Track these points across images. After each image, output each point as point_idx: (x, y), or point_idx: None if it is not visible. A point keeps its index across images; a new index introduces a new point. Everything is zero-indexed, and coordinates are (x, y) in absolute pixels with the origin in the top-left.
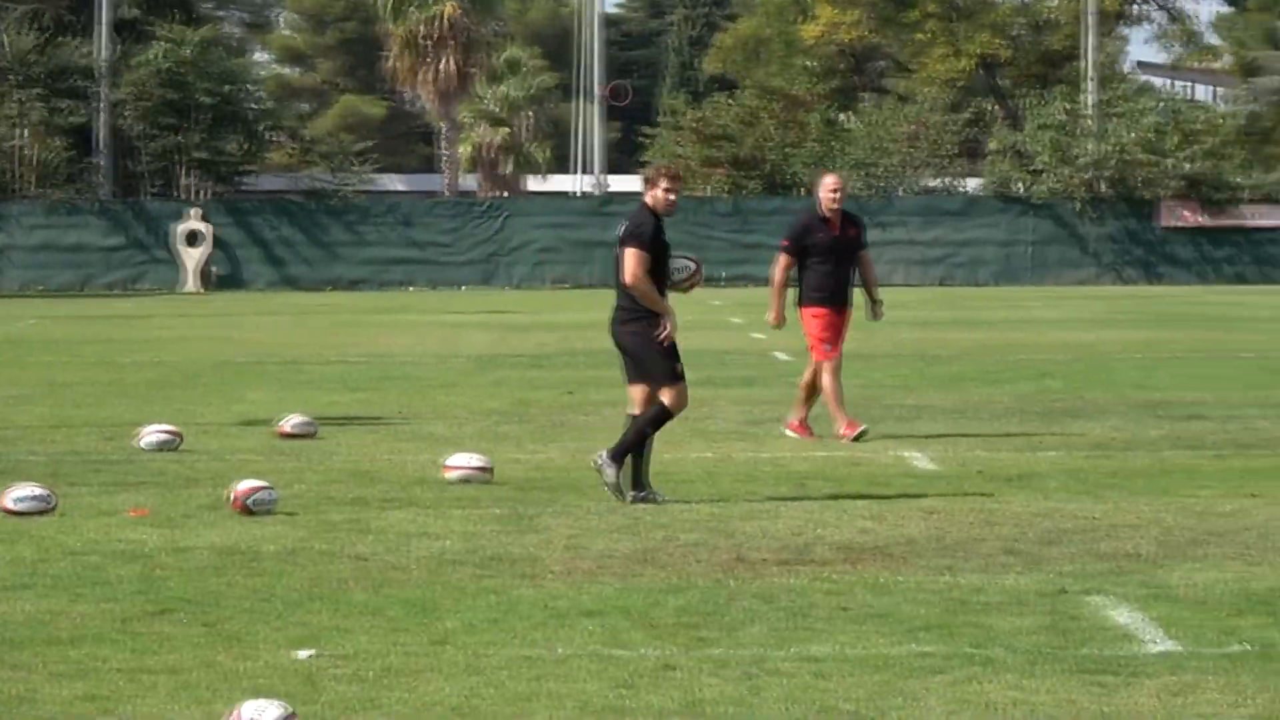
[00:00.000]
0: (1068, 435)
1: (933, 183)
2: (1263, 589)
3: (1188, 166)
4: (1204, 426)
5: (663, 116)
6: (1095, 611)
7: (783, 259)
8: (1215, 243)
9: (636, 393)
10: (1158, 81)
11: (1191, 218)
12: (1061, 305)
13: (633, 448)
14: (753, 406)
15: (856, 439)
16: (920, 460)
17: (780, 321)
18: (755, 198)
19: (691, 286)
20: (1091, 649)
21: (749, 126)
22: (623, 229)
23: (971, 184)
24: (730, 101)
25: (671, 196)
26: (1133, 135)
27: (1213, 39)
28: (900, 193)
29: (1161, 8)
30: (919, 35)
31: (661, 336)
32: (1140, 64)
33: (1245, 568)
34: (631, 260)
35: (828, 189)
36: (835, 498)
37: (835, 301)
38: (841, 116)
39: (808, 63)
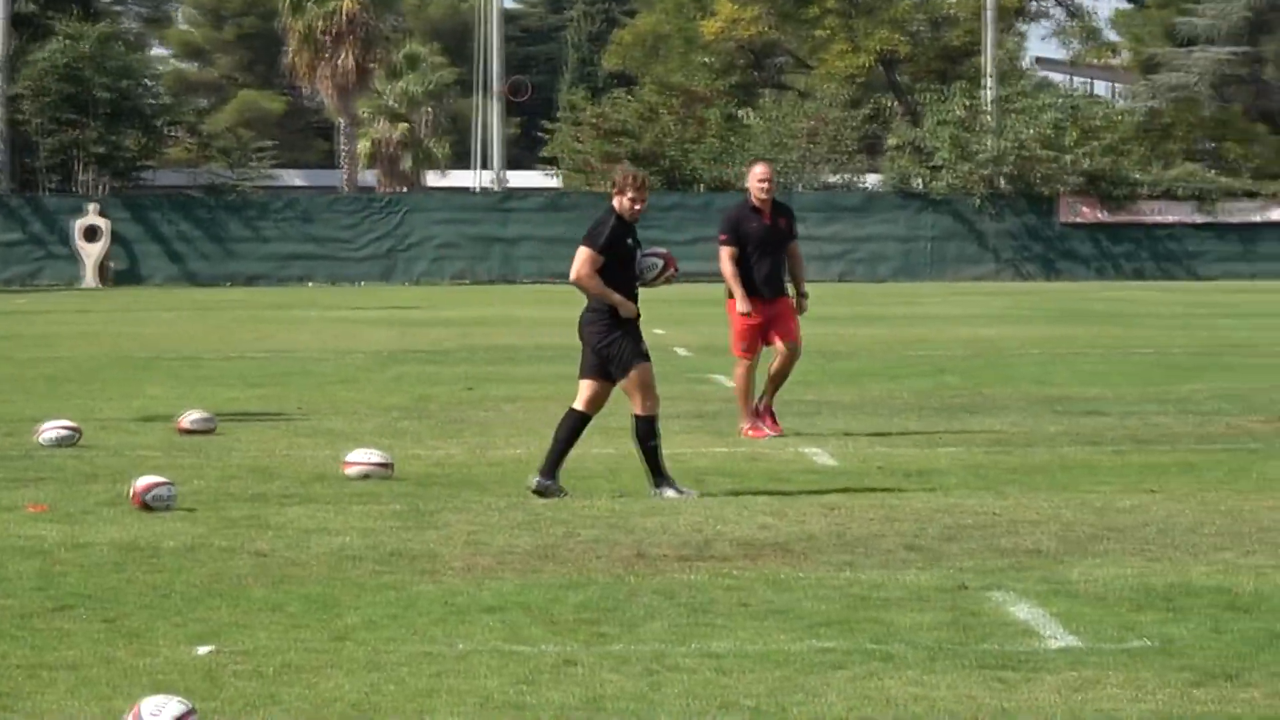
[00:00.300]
0: (967, 431)
1: (832, 179)
2: (1162, 584)
3: (1087, 163)
4: (1103, 422)
5: (562, 112)
6: (996, 607)
7: (726, 251)
8: (1114, 239)
9: (585, 388)
10: (1057, 78)
11: (1091, 214)
12: (961, 301)
13: (655, 462)
14: None
15: (752, 436)
16: (821, 456)
17: (751, 308)
18: (655, 194)
19: (667, 280)
20: (992, 645)
21: (648, 122)
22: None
23: (871, 180)
24: (630, 97)
25: (637, 206)
26: (1032, 131)
27: (1112, 35)
28: (800, 189)
29: (1060, 4)
30: (818, 31)
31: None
32: (1039, 60)
33: (1145, 563)
34: (578, 259)
35: (757, 179)
36: (736, 494)
37: (768, 292)
38: (741, 112)
39: (707, 59)
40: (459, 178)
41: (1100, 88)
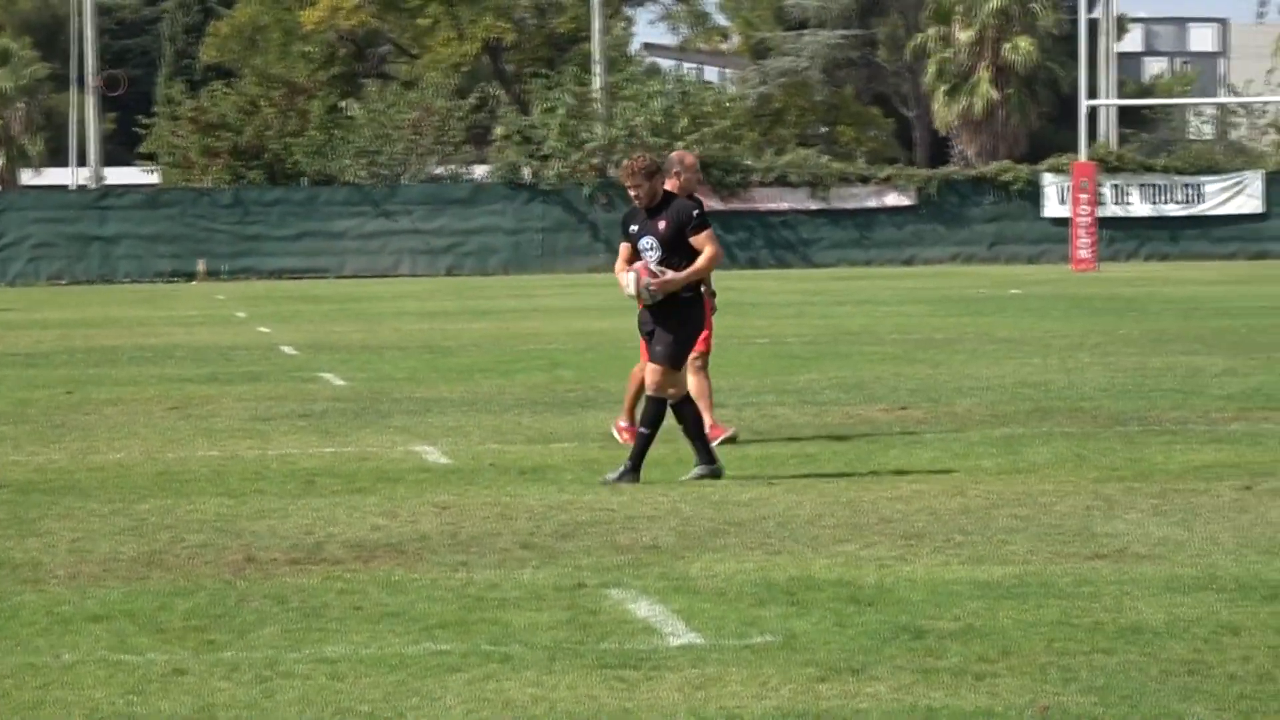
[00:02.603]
0: (582, 426)
1: (439, 170)
2: (784, 578)
3: (698, 149)
4: (720, 414)
5: (160, 106)
6: (615, 605)
7: (623, 248)
8: (728, 227)
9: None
10: (666, 63)
11: (704, 202)
12: (573, 293)
13: (645, 446)
14: (259, 402)
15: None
16: (432, 454)
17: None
18: (257, 188)
19: (650, 294)
20: (612, 643)
21: (249, 115)
22: None
23: (479, 171)
24: (229, 90)
25: (632, 193)
26: (642, 119)
27: (721, 20)
28: (406, 181)
29: None
30: (421, 20)
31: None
32: (648, 46)
33: (766, 557)
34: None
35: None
36: (346, 494)
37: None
38: (344, 104)
39: (307, 49)
40: (55, 175)
41: (711, 73)
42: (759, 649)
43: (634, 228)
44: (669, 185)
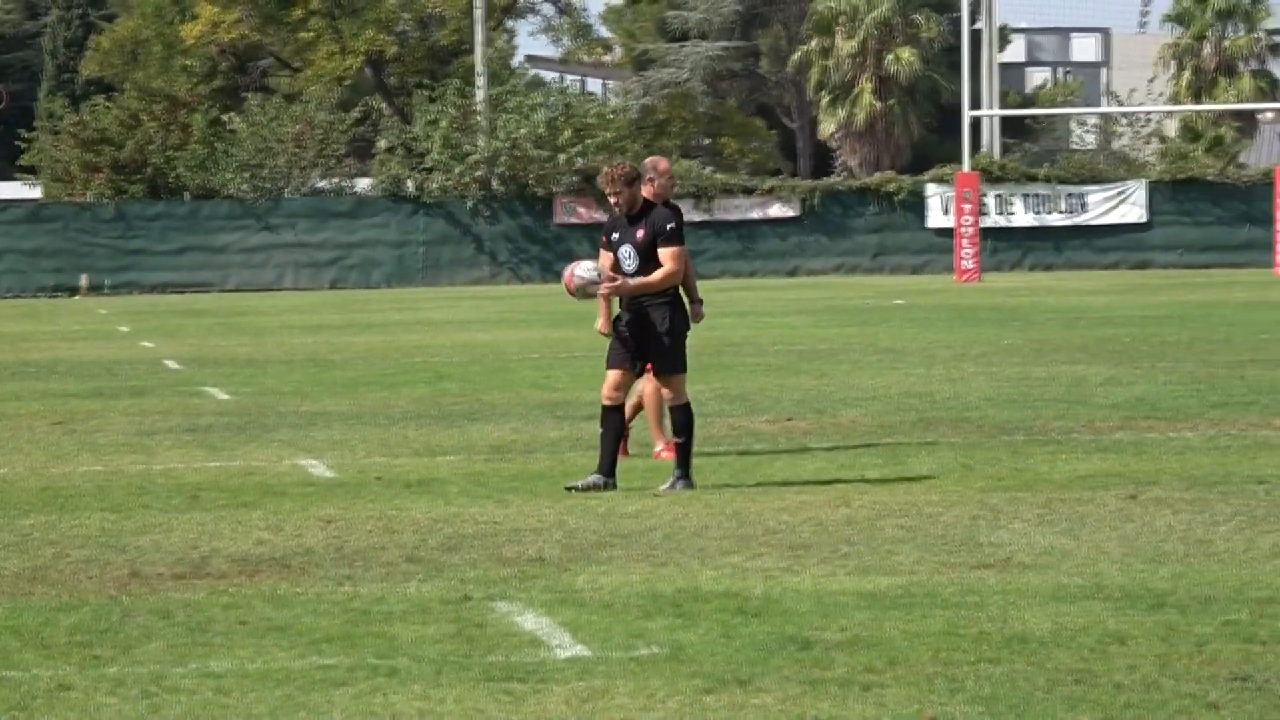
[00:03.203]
0: (467, 438)
1: (322, 183)
2: (670, 590)
3: (580, 161)
4: None
5: (40, 120)
6: (501, 618)
7: (604, 256)
8: None
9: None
10: (549, 75)
11: (587, 214)
12: (457, 306)
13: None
14: (143, 417)
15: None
16: (317, 468)
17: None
18: (139, 202)
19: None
20: (499, 656)
21: (130, 130)
22: None
23: (362, 184)
24: (110, 104)
25: (611, 200)
26: (524, 131)
27: (604, 31)
28: (288, 194)
29: (549, 0)
30: (303, 33)
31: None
32: (530, 58)
33: (652, 569)
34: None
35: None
36: (231, 509)
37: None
38: (226, 117)
39: (189, 63)
40: None
41: (594, 85)
42: (646, 661)
43: (615, 235)
44: (645, 191)
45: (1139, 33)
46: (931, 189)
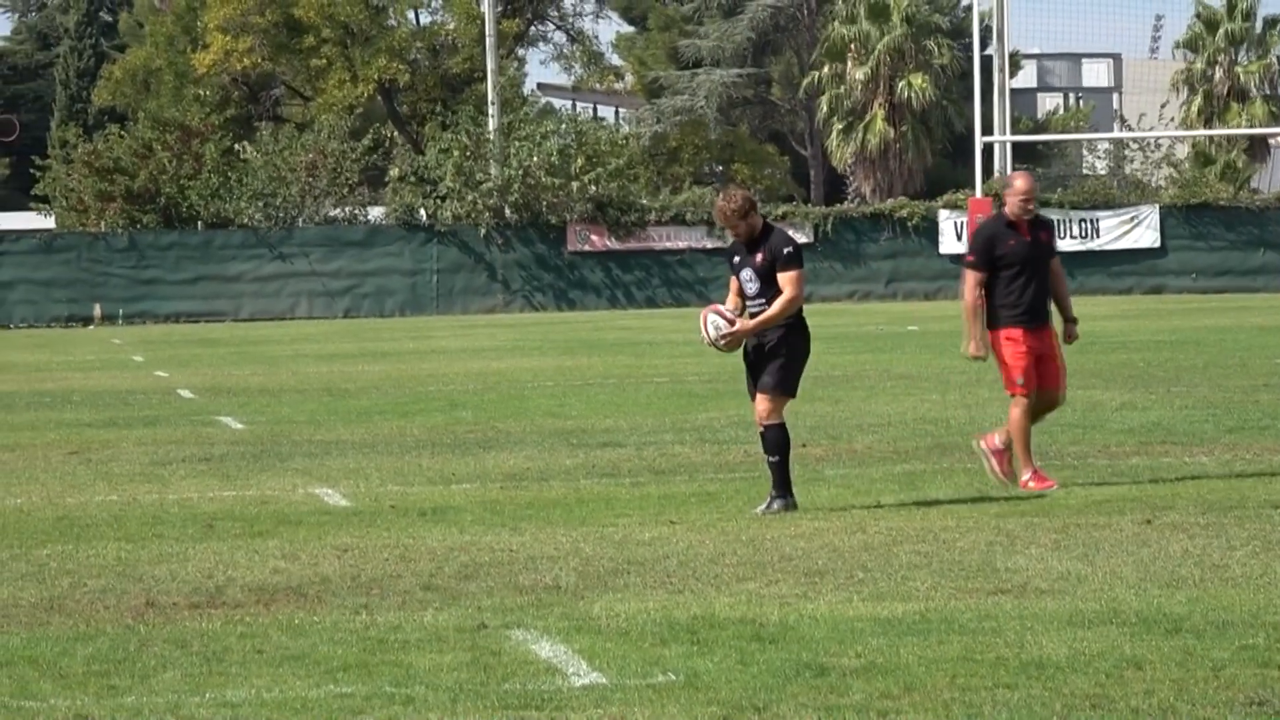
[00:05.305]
0: (482, 466)
1: (335, 212)
2: (686, 617)
3: (593, 189)
4: (619, 454)
5: (53, 150)
6: (517, 646)
7: (971, 276)
8: (624, 266)
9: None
10: (560, 103)
11: (600, 241)
12: (471, 334)
13: (784, 473)
14: (158, 447)
15: (1035, 487)
16: (332, 497)
17: (982, 353)
18: (152, 232)
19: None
20: (515, 684)
21: (143, 159)
22: None
23: (375, 213)
24: (123, 134)
25: (730, 233)
26: (537, 159)
27: (615, 59)
28: (301, 223)
29: (560, 28)
30: (315, 62)
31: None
32: (541, 86)
33: (668, 596)
34: None
35: (1018, 194)
36: (246, 538)
37: (1034, 320)
38: (238, 147)
39: (201, 92)
40: None
41: (605, 112)
42: (662, 688)
43: (736, 259)
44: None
45: (1150, 58)
46: (944, 215)
